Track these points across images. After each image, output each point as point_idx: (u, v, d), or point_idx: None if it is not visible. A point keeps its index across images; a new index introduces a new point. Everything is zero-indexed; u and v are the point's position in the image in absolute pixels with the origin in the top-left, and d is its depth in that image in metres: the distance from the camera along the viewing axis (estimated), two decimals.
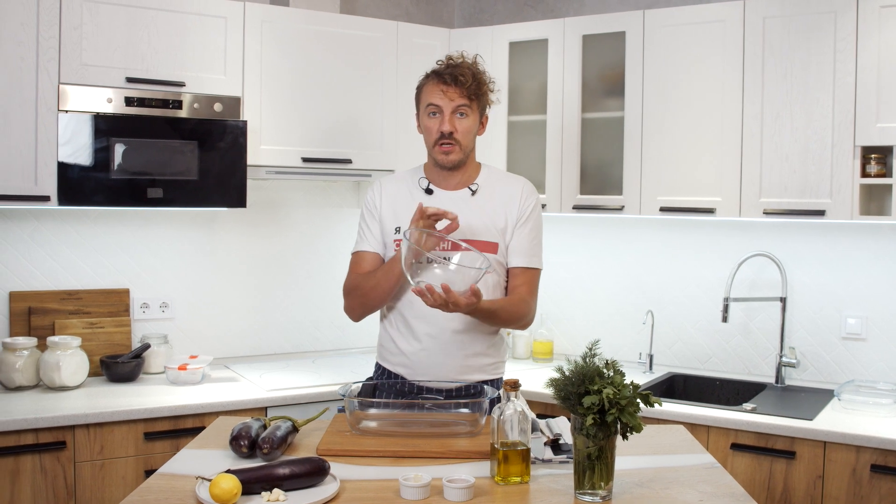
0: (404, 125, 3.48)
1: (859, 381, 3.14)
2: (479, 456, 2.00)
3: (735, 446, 2.81)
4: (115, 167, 2.93)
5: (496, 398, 2.24)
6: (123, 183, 2.95)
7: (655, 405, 1.81)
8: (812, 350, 3.35)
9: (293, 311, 3.76)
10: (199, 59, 3.10)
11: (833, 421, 2.76)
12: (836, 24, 2.92)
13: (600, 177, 3.47)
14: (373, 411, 2.21)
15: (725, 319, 3.25)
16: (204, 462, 1.97)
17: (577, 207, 3.47)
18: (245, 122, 3.15)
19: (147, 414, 2.77)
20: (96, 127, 2.90)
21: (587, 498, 1.78)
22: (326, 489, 1.78)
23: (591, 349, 1.84)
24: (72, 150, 2.87)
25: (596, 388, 1.75)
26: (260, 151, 3.23)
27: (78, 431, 2.68)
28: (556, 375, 1.83)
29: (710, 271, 3.54)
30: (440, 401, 2.34)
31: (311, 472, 1.80)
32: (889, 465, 2.59)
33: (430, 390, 2.40)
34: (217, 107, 3.12)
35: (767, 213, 3.08)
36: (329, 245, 3.81)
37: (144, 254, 3.40)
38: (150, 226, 3.41)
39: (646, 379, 3.40)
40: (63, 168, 2.85)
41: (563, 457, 2.02)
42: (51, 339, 2.98)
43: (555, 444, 2.07)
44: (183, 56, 3.07)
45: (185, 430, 2.82)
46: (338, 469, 1.90)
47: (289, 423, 2.10)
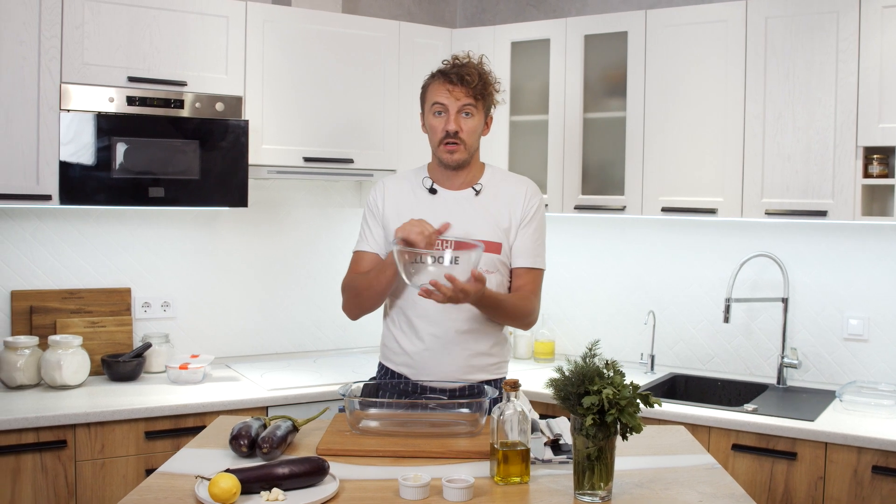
0: (406, 125, 3.48)
1: (861, 382, 3.13)
2: (479, 456, 2.00)
3: (736, 447, 2.81)
4: (117, 166, 2.93)
5: (496, 398, 2.24)
6: (125, 182, 2.95)
7: (655, 406, 1.81)
8: (814, 351, 3.35)
9: (295, 310, 3.76)
10: (200, 59, 3.10)
11: (834, 422, 2.75)
12: (839, 24, 2.92)
13: (602, 177, 3.47)
14: (373, 411, 2.21)
15: (727, 320, 3.25)
16: (203, 461, 1.97)
17: (579, 207, 3.46)
18: (247, 122, 3.16)
19: (148, 413, 2.78)
20: (98, 126, 2.90)
21: (587, 498, 1.78)
22: (326, 489, 1.79)
23: (590, 349, 1.84)
24: (73, 149, 2.87)
25: (595, 388, 1.75)
26: (261, 151, 3.23)
27: (79, 430, 2.68)
28: (556, 376, 1.83)
29: (711, 272, 3.53)
30: (444, 401, 2.34)
31: (310, 472, 1.80)
32: (890, 466, 2.58)
33: (433, 390, 2.40)
34: (219, 106, 3.13)
35: (769, 214, 3.08)
36: (330, 245, 3.81)
37: (146, 253, 3.40)
38: (152, 225, 3.41)
39: (647, 379, 3.40)
40: (65, 167, 2.86)
41: (563, 457, 2.02)
42: (52, 338, 2.99)
43: (555, 444, 2.07)
44: (185, 55, 3.07)
45: (185, 429, 2.82)
46: (337, 469, 1.90)
47: (289, 422, 2.10)
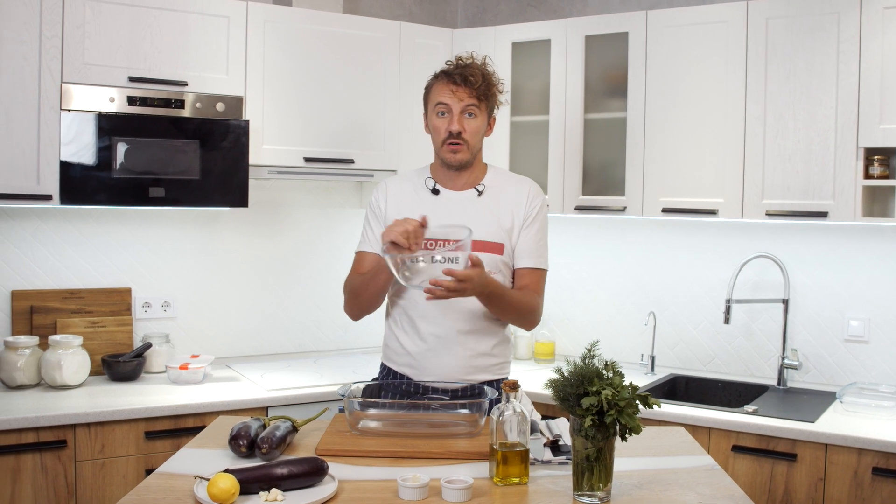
0: (407, 125, 3.48)
1: (861, 384, 3.13)
2: (478, 457, 2.00)
3: (736, 448, 2.81)
4: (118, 166, 2.94)
5: (496, 399, 2.24)
6: (126, 182, 2.95)
7: (654, 406, 1.81)
8: (814, 352, 3.34)
9: (295, 310, 3.76)
10: (201, 59, 3.10)
11: (835, 423, 2.75)
12: (840, 25, 2.91)
13: (602, 178, 3.46)
14: (372, 411, 2.21)
15: (727, 321, 3.25)
16: (203, 461, 1.97)
17: (580, 208, 3.46)
18: (247, 122, 3.16)
19: (148, 413, 2.78)
20: (99, 126, 2.90)
21: (586, 499, 1.78)
22: (325, 489, 1.78)
23: (590, 350, 1.83)
24: (74, 149, 2.87)
25: (595, 389, 1.75)
26: (262, 151, 3.23)
27: (79, 430, 2.68)
28: (556, 376, 1.83)
29: (712, 273, 3.53)
30: (446, 401, 2.34)
31: (309, 472, 1.80)
32: (891, 467, 2.58)
33: (435, 390, 2.40)
34: (219, 106, 3.13)
35: (770, 215, 3.07)
36: (331, 245, 3.81)
37: (146, 253, 3.40)
38: (152, 225, 3.41)
39: (648, 380, 3.39)
40: (65, 167, 2.86)
41: (562, 458, 2.01)
42: (52, 337, 2.99)
43: (554, 445, 2.06)
44: (185, 55, 3.07)
45: (185, 429, 2.82)
46: (336, 469, 1.90)
47: (288, 423, 2.10)
